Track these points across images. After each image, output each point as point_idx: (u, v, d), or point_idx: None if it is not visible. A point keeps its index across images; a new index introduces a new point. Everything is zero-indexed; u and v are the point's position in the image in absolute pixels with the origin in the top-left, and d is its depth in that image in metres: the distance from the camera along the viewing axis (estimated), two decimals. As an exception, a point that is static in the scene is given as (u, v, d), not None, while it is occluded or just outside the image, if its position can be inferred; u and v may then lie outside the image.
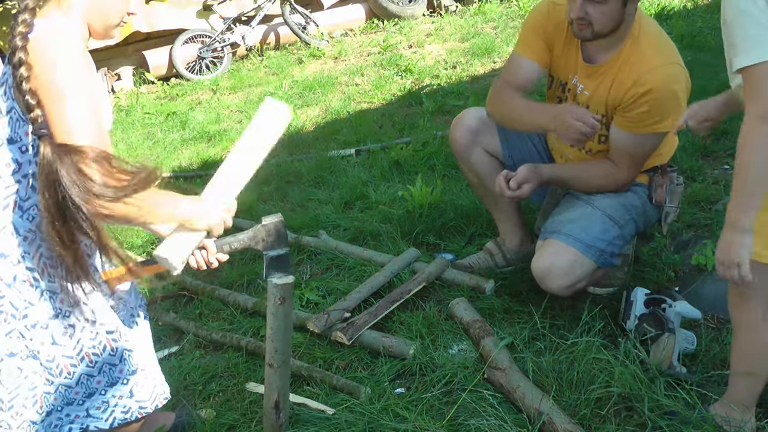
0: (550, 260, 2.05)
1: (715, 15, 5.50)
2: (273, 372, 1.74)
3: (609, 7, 1.93)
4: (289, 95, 6.01)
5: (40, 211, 1.33)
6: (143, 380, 1.57)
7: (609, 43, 2.04)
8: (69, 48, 1.33)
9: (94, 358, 1.48)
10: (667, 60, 2.00)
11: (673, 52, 2.04)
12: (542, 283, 2.09)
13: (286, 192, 3.69)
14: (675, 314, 1.93)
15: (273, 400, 1.78)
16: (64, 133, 1.29)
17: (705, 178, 2.96)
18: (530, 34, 2.24)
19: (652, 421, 1.68)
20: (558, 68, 2.23)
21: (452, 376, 1.97)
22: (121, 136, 5.72)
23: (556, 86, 2.26)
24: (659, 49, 2.01)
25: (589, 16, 1.95)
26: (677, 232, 2.57)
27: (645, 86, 1.98)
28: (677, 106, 1.99)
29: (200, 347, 2.42)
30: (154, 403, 1.60)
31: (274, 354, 1.71)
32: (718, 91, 1.73)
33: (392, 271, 2.56)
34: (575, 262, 2.04)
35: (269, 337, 1.69)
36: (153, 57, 7.19)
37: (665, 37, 2.08)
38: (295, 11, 7.41)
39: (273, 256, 1.61)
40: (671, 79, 1.99)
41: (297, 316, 2.38)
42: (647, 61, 1.99)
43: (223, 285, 2.81)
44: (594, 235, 2.06)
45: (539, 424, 1.69)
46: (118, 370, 1.53)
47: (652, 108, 1.99)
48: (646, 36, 2.02)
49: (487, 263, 2.56)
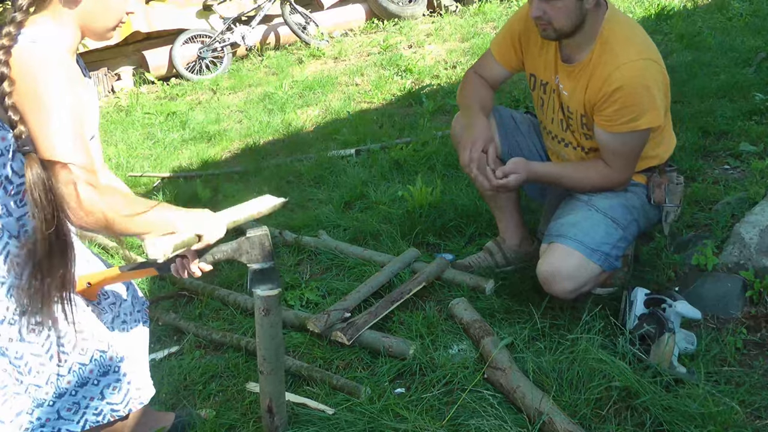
0: (556, 264, 2.04)
1: (715, 15, 5.50)
2: (264, 378, 1.76)
3: (564, 4, 1.94)
4: (289, 95, 6.01)
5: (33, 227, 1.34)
6: (116, 382, 1.55)
7: (581, 42, 2.05)
8: (51, 61, 1.32)
9: (63, 357, 1.46)
10: (637, 56, 1.97)
11: (645, 48, 2.01)
12: (547, 287, 2.08)
13: (286, 192, 3.68)
14: (675, 314, 1.93)
15: (266, 404, 1.79)
16: (47, 148, 1.30)
17: (705, 178, 2.96)
18: (505, 36, 2.30)
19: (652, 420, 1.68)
20: (538, 68, 2.23)
21: (452, 376, 1.97)
22: (121, 136, 5.72)
23: (537, 86, 2.26)
24: (629, 46, 1.99)
25: (547, 15, 1.97)
26: (677, 232, 2.57)
27: (614, 84, 1.97)
28: (651, 102, 1.97)
29: (200, 347, 2.42)
30: (128, 407, 1.57)
31: (263, 362, 1.72)
32: (718, 91, 1.73)
33: (392, 271, 2.56)
34: (580, 266, 2.03)
35: (258, 346, 1.71)
36: (153, 57, 7.19)
37: (638, 34, 2.06)
38: (295, 11, 7.41)
39: (257, 269, 1.60)
40: (641, 75, 1.96)
41: (297, 316, 2.39)
42: (616, 58, 1.98)
43: (223, 285, 2.81)
44: (598, 239, 2.05)
45: (539, 424, 1.69)
46: (88, 370, 1.50)
47: (623, 106, 1.97)
48: (616, 34, 2.01)
49: (487, 263, 2.56)
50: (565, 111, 2.18)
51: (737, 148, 3.14)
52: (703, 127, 3.41)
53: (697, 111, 3.59)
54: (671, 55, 4.75)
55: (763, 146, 3.11)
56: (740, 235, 2.24)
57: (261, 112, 5.76)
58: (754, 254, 2.18)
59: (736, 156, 3.11)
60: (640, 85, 1.96)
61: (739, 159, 3.08)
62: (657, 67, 2.00)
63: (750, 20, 5.18)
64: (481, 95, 2.32)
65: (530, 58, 2.24)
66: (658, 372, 1.82)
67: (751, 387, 1.79)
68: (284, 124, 5.27)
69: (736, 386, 1.80)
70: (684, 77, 4.15)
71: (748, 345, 1.96)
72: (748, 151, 3.08)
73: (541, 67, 2.21)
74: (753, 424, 1.67)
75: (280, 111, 5.66)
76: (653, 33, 5.36)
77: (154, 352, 2.45)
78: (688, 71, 4.24)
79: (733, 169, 3.03)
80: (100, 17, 1.43)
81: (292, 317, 2.39)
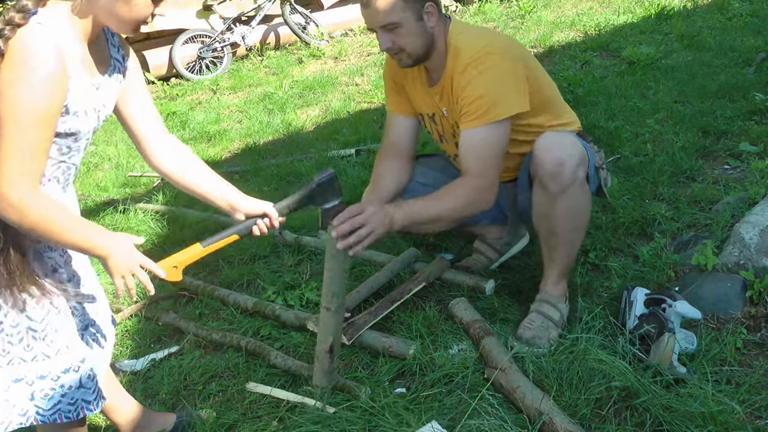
0: (553, 140, 2.00)
1: (715, 15, 5.50)
2: (330, 315, 1.87)
3: (406, 29, 1.97)
4: (289, 95, 6.01)
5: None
6: (44, 386, 1.51)
7: (438, 59, 2.08)
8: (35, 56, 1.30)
9: (8, 347, 1.45)
10: (480, 51, 1.98)
11: (489, 42, 2.01)
12: (554, 164, 1.96)
13: (286, 192, 3.68)
14: (675, 314, 1.93)
15: (328, 344, 1.90)
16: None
17: (705, 178, 2.96)
18: (389, 89, 2.33)
19: (652, 420, 1.68)
20: (422, 105, 2.24)
21: (452, 376, 1.97)
22: (121, 136, 5.72)
23: (428, 122, 2.27)
24: (472, 45, 2.01)
25: (395, 44, 2.00)
26: (677, 232, 2.57)
27: (461, 83, 2.00)
28: (502, 90, 1.97)
29: (200, 347, 2.42)
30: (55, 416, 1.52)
31: (331, 298, 1.84)
32: (718, 91, 1.73)
33: (392, 271, 2.56)
34: (575, 142, 2.02)
35: (327, 281, 1.84)
36: (153, 57, 7.20)
37: (481, 33, 2.09)
38: (295, 11, 7.41)
39: (328, 209, 1.80)
40: (483, 69, 1.97)
41: (297, 316, 2.39)
42: (463, 60, 2.01)
43: (223, 285, 2.82)
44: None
45: (539, 424, 1.69)
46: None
47: (474, 99, 1.97)
48: (461, 40, 2.04)
49: (481, 262, 2.57)
50: (456, 132, 2.16)
51: (737, 148, 3.14)
52: (703, 127, 3.41)
53: (697, 111, 3.59)
54: (671, 55, 4.75)
55: (763, 146, 3.11)
56: (740, 235, 2.24)
57: (261, 112, 5.77)
58: (754, 254, 2.18)
59: (736, 156, 3.11)
60: (474, 78, 1.97)
61: (739, 159, 3.08)
62: (500, 57, 1.98)
63: (750, 20, 5.18)
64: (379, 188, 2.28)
65: (413, 98, 2.26)
66: (658, 372, 1.81)
67: (751, 387, 1.78)
68: (284, 124, 5.27)
69: (736, 386, 1.79)
70: (684, 77, 4.15)
71: (748, 345, 1.96)
72: (748, 151, 3.08)
73: (423, 102, 2.22)
74: (753, 424, 1.67)
75: (280, 111, 5.66)
76: (653, 33, 5.36)
77: (154, 352, 2.45)
78: (688, 71, 4.25)
79: (733, 169, 3.03)
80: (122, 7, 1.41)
81: (292, 317, 2.39)
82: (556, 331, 2.06)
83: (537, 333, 2.03)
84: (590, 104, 4.01)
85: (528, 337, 2.02)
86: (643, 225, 2.65)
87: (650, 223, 2.65)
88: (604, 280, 2.36)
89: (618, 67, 4.72)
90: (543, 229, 2.10)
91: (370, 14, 1.98)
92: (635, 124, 3.60)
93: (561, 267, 2.14)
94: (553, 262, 2.13)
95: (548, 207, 2.02)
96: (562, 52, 5.44)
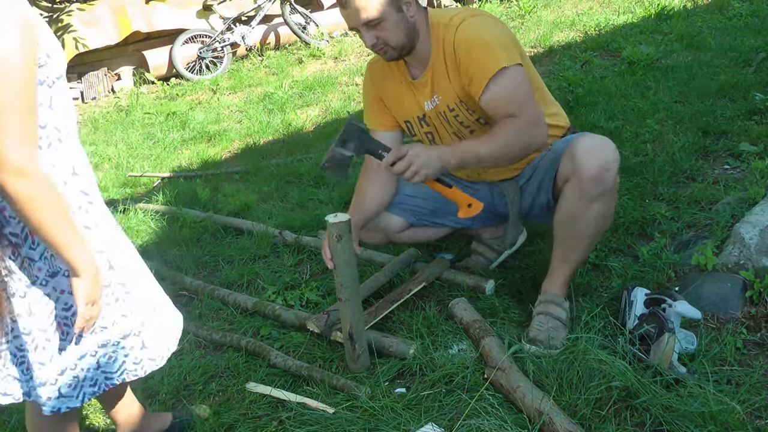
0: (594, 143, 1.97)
1: (715, 15, 5.50)
2: (344, 305, 1.97)
3: (389, 22, 1.98)
4: (289, 95, 6.01)
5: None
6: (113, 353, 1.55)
7: (423, 49, 2.09)
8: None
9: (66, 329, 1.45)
10: (461, 19, 2.02)
11: (466, 13, 2.05)
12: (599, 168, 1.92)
13: (286, 192, 3.68)
14: (675, 314, 1.93)
15: (347, 331, 2.00)
16: None
17: (705, 178, 2.96)
18: (368, 105, 2.33)
19: (652, 420, 1.68)
20: (408, 112, 2.23)
21: (452, 376, 1.97)
22: (121, 136, 5.72)
23: (418, 125, 2.25)
24: (451, 19, 2.04)
25: (380, 39, 2.01)
26: (677, 232, 2.57)
27: (458, 50, 2.01)
28: (498, 42, 1.98)
29: (200, 347, 2.42)
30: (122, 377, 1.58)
31: (341, 289, 1.93)
32: (718, 91, 1.73)
33: (392, 271, 2.56)
34: (614, 146, 1.99)
35: (335, 274, 1.94)
36: (153, 57, 7.20)
37: (458, 10, 2.11)
38: (295, 11, 7.41)
39: (337, 152, 1.98)
40: (472, 28, 2.00)
41: (297, 316, 2.39)
42: (448, 34, 2.03)
43: (223, 285, 2.82)
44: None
45: (539, 424, 1.69)
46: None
47: (477, 58, 1.98)
48: (440, 21, 2.06)
49: (480, 262, 2.57)
50: (451, 117, 2.15)
51: (737, 148, 3.14)
52: (703, 127, 3.41)
53: (697, 111, 3.59)
54: (671, 55, 4.75)
55: (763, 146, 3.11)
56: (740, 235, 2.24)
57: (261, 112, 5.76)
58: (754, 254, 2.18)
59: (736, 156, 3.11)
60: (476, 37, 1.99)
61: (739, 159, 3.08)
62: (482, 18, 2.04)
63: (750, 20, 5.17)
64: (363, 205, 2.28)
65: (396, 110, 2.26)
66: (659, 372, 1.81)
67: (751, 387, 1.78)
68: (284, 124, 5.27)
69: (736, 386, 1.79)
70: (684, 77, 4.15)
71: (748, 345, 1.96)
72: (748, 151, 3.08)
73: (408, 105, 2.22)
74: (753, 424, 1.67)
75: (280, 111, 5.66)
76: (653, 33, 5.36)
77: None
78: (688, 71, 4.24)
79: (733, 169, 3.03)
80: None
81: (292, 317, 2.40)
82: (565, 331, 2.06)
83: (551, 334, 2.02)
84: (590, 104, 4.01)
85: (542, 339, 2.00)
86: (643, 225, 2.65)
87: (650, 223, 2.65)
88: (604, 280, 2.36)
89: (618, 67, 4.71)
90: (567, 230, 2.06)
91: (351, 14, 1.99)
92: (635, 124, 3.60)
93: (573, 268, 2.14)
94: (567, 264, 2.11)
95: (581, 210, 1.99)
96: (562, 52, 5.44)
